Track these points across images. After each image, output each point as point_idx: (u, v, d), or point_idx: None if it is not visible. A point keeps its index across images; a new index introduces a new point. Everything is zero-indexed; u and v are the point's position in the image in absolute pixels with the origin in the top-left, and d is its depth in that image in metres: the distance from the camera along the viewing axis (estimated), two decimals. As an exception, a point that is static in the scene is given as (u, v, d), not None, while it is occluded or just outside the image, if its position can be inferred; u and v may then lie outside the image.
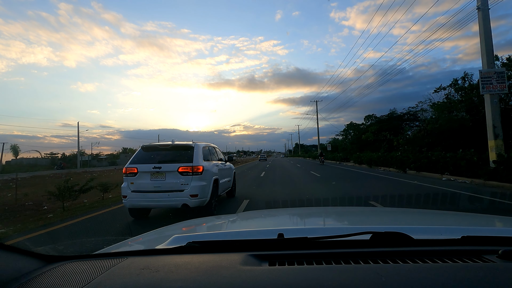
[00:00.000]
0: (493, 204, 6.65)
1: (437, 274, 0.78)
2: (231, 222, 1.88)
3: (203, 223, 1.89)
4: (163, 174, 5.36)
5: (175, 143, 5.88)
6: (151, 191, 5.30)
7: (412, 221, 1.67)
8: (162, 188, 5.28)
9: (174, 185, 5.27)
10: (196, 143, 5.91)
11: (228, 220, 1.97)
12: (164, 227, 1.76)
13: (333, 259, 0.92)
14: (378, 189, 9.18)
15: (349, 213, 2.16)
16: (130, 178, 5.42)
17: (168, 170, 5.35)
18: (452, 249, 0.98)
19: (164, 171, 5.35)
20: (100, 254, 1.12)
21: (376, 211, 2.24)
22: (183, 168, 5.33)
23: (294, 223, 1.83)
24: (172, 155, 5.68)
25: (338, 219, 1.92)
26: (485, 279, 0.75)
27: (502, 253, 0.89)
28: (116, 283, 0.81)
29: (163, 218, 5.86)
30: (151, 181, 5.35)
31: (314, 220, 1.91)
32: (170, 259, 0.97)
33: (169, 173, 5.35)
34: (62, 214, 6.60)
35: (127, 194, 5.37)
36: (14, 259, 0.92)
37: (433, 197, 7.43)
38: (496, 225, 1.46)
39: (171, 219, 5.70)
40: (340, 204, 6.69)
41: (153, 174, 5.38)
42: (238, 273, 0.82)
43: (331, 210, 2.42)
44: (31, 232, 5.05)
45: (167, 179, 5.33)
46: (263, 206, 6.57)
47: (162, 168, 5.36)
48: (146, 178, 5.37)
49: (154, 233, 1.56)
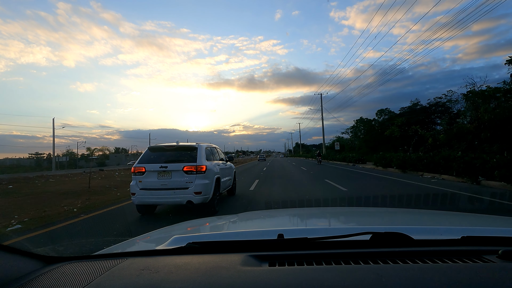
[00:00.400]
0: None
1: (437, 274, 0.78)
2: (231, 222, 1.87)
3: (203, 223, 1.89)
4: (169, 173, 5.70)
5: (179, 144, 6.22)
6: (158, 189, 5.64)
7: (412, 221, 1.67)
8: (168, 186, 5.62)
9: (179, 183, 5.62)
10: (200, 144, 6.22)
11: (228, 220, 1.97)
12: (164, 228, 1.75)
13: (333, 260, 0.92)
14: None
15: (349, 213, 2.16)
16: (138, 177, 5.76)
17: (174, 169, 5.68)
18: (452, 249, 0.98)
19: (170, 170, 5.69)
20: (99, 255, 1.12)
21: (376, 212, 2.24)
22: (187, 167, 5.67)
23: (294, 224, 1.83)
24: (177, 155, 6.01)
25: (338, 219, 1.92)
26: (485, 279, 0.75)
27: (502, 253, 0.90)
28: (116, 284, 0.81)
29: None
30: (158, 179, 5.70)
31: (314, 220, 1.91)
32: (170, 260, 0.97)
33: (174, 172, 5.69)
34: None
35: (135, 191, 5.68)
36: (13, 260, 0.92)
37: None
38: (496, 225, 1.46)
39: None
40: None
41: (160, 173, 5.72)
42: (238, 274, 0.82)
43: (331, 211, 2.42)
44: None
45: (173, 177, 5.68)
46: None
47: (168, 167, 5.69)
48: (153, 176, 5.72)
49: (154, 234, 1.56)
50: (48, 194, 10.21)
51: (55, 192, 10.72)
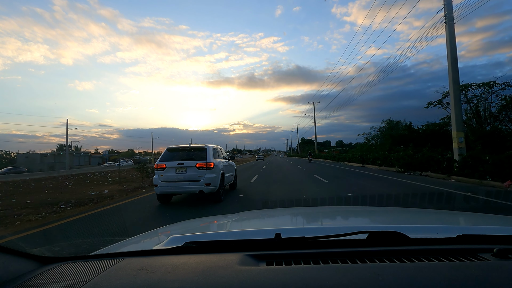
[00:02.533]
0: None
1: (433, 272, 0.79)
2: (228, 222, 1.87)
3: (200, 223, 1.88)
4: (185, 169, 7.14)
5: (192, 146, 7.84)
6: (176, 181, 7.08)
7: (408, 220, 1.68)
8: (184, 179, 7.08)
9: (193, 176, 7.07)
10: (208, 145, 7.76)
11: (225, 220, 1.97)
12: (161, 227, 1.75)
13: (330, 259, 0.92)
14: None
15: (346, 212, 2.17)
16: (160, 172, 7.16)
17: (189, 166, 7.14)
18: (447, 248, 0.99)
19: (186, 166, 7.14)
20: (96, 255, 1.11)
21: (373, 211, 2.25)
22: (199, 164, 7.11)
23: (291, 223, 1.83)
24: (191, 154, 7.49)
25: (335, 218, 1.92)
26: (480, 278, 0.76)
27: (497, 252, 0.90)
28: (113, 284, 0.80)
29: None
30: (176, 173, 7.13)
31: (311, 219, 1.92)
32: (167, 260, 0.97)
33: (189, 168, 7.13)
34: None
35: (158, 183, 7.11)
36: (9, 261, 0.92)
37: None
38: (491, 224, 1.47)
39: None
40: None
41: (178, 168, 7.15)
42: (235, 273, 0.82)
43: (328, 210, 2.43)
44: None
45: (188, 172, 7.12)
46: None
47: (184, 164, 7.15)
48: (172, 171, 7.14)
49: (151, 234, 1.56)
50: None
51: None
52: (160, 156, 7.67)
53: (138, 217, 5.98)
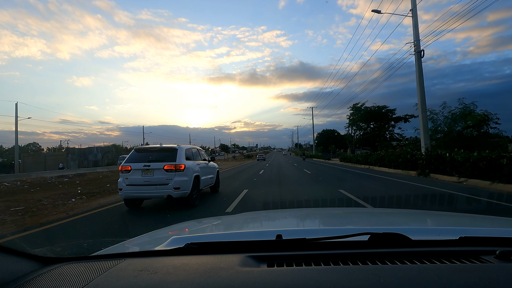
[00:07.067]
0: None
1: (435, 274, 0.78)
2: (229, 223, 1.87)
3: (201, 224, 1.88)
4: (151, 171, 6.52)
5: (162, 146, 7.25)
6: (142, 185, 6.48)
7: (410, 222, 1.67)
8: (151, 182, 6.46)
9: (160, 179, 6.44)
10: (180, 146, 7.16)
11: (226, 221, 1.97)
12: (162, 229, 1.75)
13: (331, 260, 0.92)
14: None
15: (347, 214, 2.16)
16: (125, 174, 6.59)
17: (156, 168, 6.51)
18: (450, 250, 0.99)
19: (153, 169, 6.51)
20: (97, 256, 1.11)
21: (374, 212, 2.25)
22: (167, 166, 6.50)
23: (293, 224, 1.83)
24: (160, 155, 6.85)
25: (336, 220, 1.92)
26: (483, 280, 0.75)
27: (500, 254, 0.90)
28: (114, 285, 0.81)
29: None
30: (142, 176, 6.52)
31: (313, 221, 1.91)
32: (168, 261, 0.97)
33: (156, 170, 6.51)
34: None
35: (122, 187, 6.53)
36: (10, 261, 0.92)
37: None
38: (494, 226, 1.46)
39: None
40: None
41: (144, 171, 6.54)
42: (236, 274, 0.82)
43: (329, 211, 2.43)
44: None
45: (155, 175, 6.50)
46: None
47: (151, 166, 6.52)
48: (138, 174, 6.53)
49: (152, 235, 1.56)
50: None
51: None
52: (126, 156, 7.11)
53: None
